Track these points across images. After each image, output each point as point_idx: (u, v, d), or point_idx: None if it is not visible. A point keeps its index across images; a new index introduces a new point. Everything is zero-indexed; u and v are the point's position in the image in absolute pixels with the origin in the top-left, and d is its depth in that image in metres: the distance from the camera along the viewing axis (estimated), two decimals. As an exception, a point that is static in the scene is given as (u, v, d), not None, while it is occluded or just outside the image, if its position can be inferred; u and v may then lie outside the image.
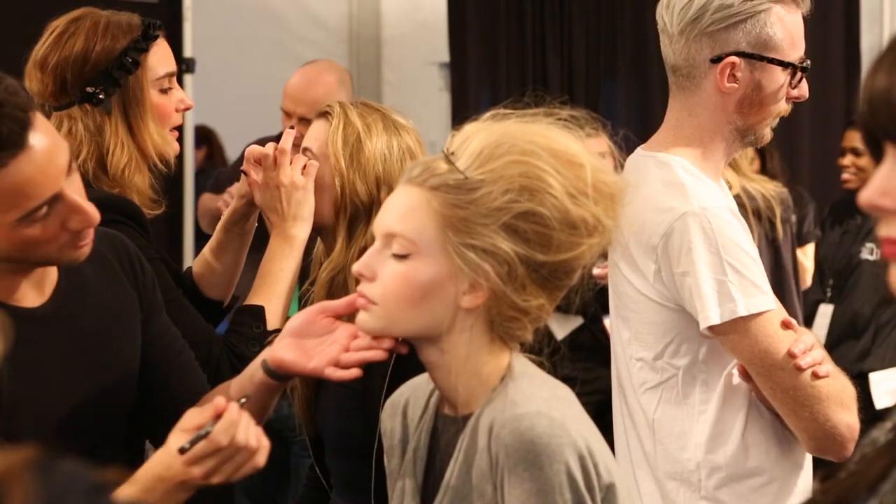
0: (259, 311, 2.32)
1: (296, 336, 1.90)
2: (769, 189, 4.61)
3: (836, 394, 2.12)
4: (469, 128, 1.70)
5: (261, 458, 1.74)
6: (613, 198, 1.68)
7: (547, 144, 1.65)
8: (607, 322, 4.20)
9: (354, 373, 1.84)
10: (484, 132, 1.67)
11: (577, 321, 4.71)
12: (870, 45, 6.04)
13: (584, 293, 1.72)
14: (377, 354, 1.80)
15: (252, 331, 2.31)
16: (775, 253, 4.65)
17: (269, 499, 4.25)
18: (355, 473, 2.24)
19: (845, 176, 5.15)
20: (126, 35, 2.36)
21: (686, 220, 2.12)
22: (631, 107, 6.37)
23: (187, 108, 2.46)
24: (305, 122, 4.11)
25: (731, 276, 2.10)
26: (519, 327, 1.68)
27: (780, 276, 4.64)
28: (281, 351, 1.90)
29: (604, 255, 1.92)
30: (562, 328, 4.67)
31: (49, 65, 2.35)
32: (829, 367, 2.13)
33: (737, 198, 4.48)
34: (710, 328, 2.12)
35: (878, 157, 1.14)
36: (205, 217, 4.52)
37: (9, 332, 0.97)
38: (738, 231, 2.16)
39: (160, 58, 2.40)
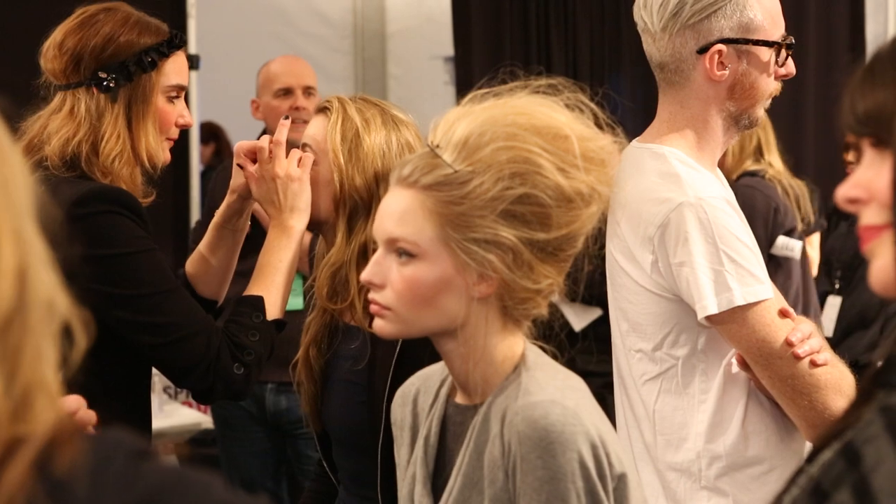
0: (258, 301, 2.32)
1: None
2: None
3: (834, 382, 2.12)
4: (450, 115, 1.69)
5: None
6: (604, 163, 1.68)
7: (529, 123, 1.64)
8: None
9: None
10: (465, 119, 1.66)
11: (595, 312, 4.71)
12: (875, 33, 6.01)
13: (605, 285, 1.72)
14: None
15: (251, 320, 2.30)
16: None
17: (265, 489, 4.27)
18: (362, 468, 2.25)
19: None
20: (153, 35, 2.39)
21: (682, 210, 2.12)
22: (636, 101, 6.35)
23: (185, 125, 2.47)
24: (307, 92, 4.20)
25: (727, 265, 2.10)
26: (533, 306, 1.69)
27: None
28: None
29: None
30: (581, 319, 4.67)
31: (69, 45, 2.36)
32: (827, 355, 2.13)
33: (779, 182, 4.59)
34: (708, 318, 2.12)
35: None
36: None
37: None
38: (734, 221, 2.16)
39: (177, 68, 2.43)
